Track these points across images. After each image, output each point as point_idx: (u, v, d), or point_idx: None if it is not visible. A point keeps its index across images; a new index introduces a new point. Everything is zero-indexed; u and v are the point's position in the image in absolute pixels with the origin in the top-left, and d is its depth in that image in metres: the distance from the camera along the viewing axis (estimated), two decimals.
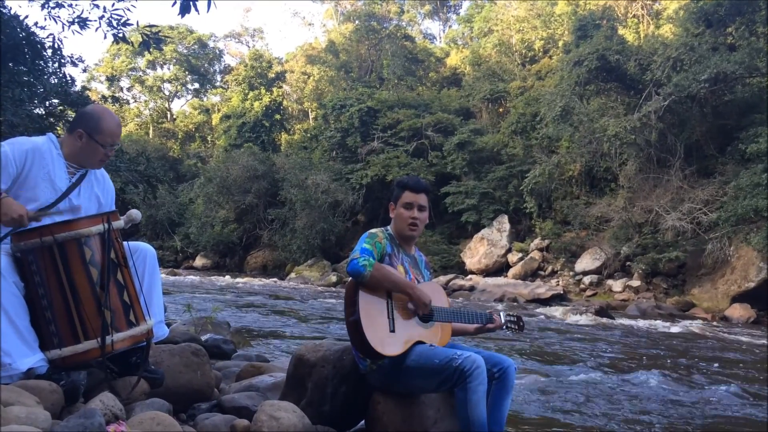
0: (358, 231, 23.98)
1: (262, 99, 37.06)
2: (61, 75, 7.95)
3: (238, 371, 3.70)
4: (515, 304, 16.70)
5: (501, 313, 3.13)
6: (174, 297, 12.83)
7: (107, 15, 6.87)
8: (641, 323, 12.48)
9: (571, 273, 19.48)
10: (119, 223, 2.60)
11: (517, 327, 3.14)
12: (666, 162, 18.52)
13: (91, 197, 2.83)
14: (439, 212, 25.00)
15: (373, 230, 2.88)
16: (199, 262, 30.27)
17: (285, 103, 39.58)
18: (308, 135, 34.46)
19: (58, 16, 7.06)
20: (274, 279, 23.68)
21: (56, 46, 7.53)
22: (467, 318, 2.98)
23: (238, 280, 22.22)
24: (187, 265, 30.51)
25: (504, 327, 3.10)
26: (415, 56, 34.98)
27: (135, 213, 2.68)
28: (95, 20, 6.93)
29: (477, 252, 21.96)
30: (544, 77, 26.66)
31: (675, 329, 11.68)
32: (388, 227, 3.00)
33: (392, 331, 2.68)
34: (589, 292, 18.30)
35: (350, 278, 2.75)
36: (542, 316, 13.43)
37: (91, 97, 10.65)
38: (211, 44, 48.13)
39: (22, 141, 2.68)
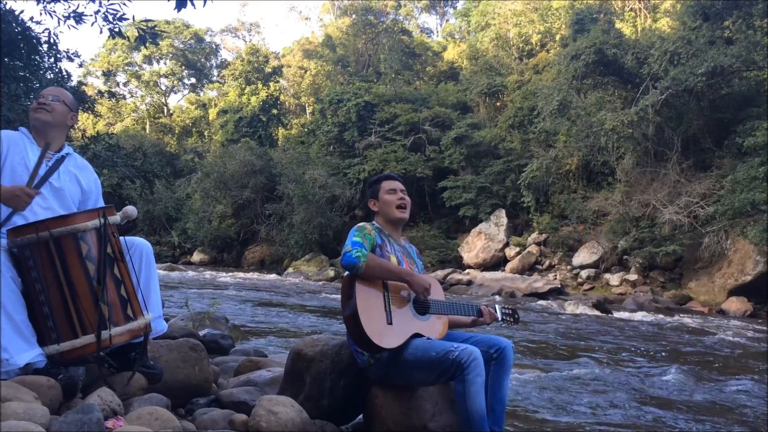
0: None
1: (259, 94, 36.97)
2: (57, 70, 7.93)
3: (237, 366, 3.70)
4: (513, 298, 16.72)
5: (497, 306, 3.15)
6: (172, 292, 12.82)
7: (103, 10, 6.84)
8: (638, 317, 12.51)
9: (569, 267, 19.51)
10: (115, 218, 2.60)
11: (512, 320, 3.17)
12: (663, 156, 18.52)
13: (72, 180, 2.84)
14: (437, 206, 25.01)
15: (360, 224, 2.91)
16: (196, 257, 30.24)
17: (282, 97, 39.49)
18: (305, 130, 34.39)
19: (54, 11, 7.01)
20: (272, 274, 23.68)
21: (52, 41, 7.51)
22: (463, 310, 3.00)
23: (236, 275, 22.22)
24: (184, 260, 30.48)
25: (500, 320, 3.12)
26: (412, 50, 34.90)
27: (131, 209, 2.68)
28: (91, 15, 6.89)
29: (474, 246, 21.98)
30: (542, 71, 26.61)
31: (672, 323, 11.72)
32: (374, 222, 3.01)
33: (390, 323, 2.70)
34: (586, 286, 18.33)
35: (346, 273, 2.76)
36: (540, 311, 13.46)
37: (87, 92, 10.60)
38: (208, 39, 48.04)
39: None
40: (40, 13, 7.02)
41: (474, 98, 28.16)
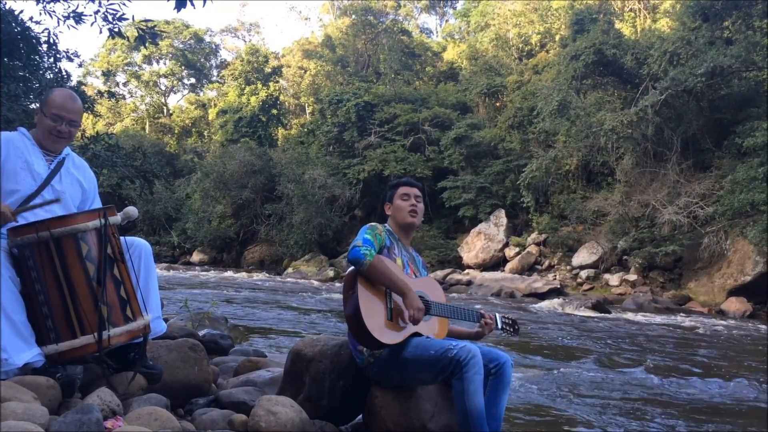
0: (355, 226, 23.96)
1: (258, 94, 36.98)
2: (56, 70, 7.91)
3: (236, 366, 3.70)
4: (512, 298, 16.71)
5: (497, 315, 3.16)
6: (171, 292, 12.81)
7: (102, 9, 6.83)
8: (638, 317, 12.51)
9: (568, 267, 19.51)
10: (116, 218, 2.60)
11: (512, 330, 3.18)
12: (663, 156, 18.54)
13: (73, 182, 2.84)
14: (436, 207, 25.00)
15: (373, 223, 2.93)
16: (196, 257, 30.24)
17: (282, 97, 39.50)
18: (305, 130, 34.41)
19: (54, 11, 7.00)
20: (272, 274, 23.68)
21: (51, 41, 7.49)
22: (463, 315, 3.01)
23: (236, 275, 22.21)
24: (184, 260, 30.48)
25: (499, 328, 3.13)
26: (411, 51, 34.92)
27: (132, 210, 2.68)
28: (90, 15, 6.88)
29: (474, 246, 21.98)
30: (541, 71, 26.63)
31: (671, 323, 11.72)
32: (386, 224, 3.02)
33: (390, 320, 2.70)
34: (586, 286, 18.33)
35: (348, 270, 2.76)
36: (539, 311, 13.46)
37: (87, 92, 10.60)
38: (208, 39, 48.05)
39: None
40: (40, 13, 7.01)
41: (473, 98, 28.17)
